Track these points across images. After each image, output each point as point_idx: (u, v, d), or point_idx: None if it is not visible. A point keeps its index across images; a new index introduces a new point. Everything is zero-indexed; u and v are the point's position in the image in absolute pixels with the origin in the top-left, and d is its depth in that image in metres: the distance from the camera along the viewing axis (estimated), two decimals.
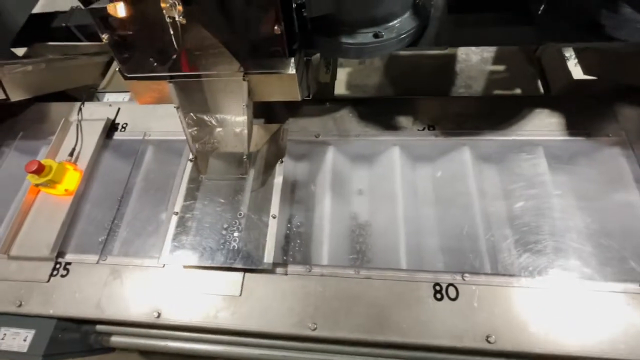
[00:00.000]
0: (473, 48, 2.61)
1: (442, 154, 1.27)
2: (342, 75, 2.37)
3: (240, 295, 1.05)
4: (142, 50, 0.97)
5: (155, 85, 1.07)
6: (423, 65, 2.64)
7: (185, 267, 1.11)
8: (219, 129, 1.12)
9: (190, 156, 1.25)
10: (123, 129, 1.45)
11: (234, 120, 1.09)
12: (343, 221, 1.22)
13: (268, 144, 1.29)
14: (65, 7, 2.03)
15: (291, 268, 1.08)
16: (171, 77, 1.03)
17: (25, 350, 1.14)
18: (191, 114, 1.10)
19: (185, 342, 1.18)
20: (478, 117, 1.28)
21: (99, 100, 1.69)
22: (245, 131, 1.07)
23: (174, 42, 0.88)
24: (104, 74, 2.00)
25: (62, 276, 1.16)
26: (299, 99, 1.05)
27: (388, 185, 1.22)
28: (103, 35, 0.92)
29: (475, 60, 2.55)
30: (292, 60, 0.95)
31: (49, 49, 2.06)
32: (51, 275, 1.16)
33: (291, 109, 1.38)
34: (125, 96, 1.67)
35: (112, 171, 1.37)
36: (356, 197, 1.28)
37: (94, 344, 1.29)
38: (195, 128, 1.11)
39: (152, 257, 1.15)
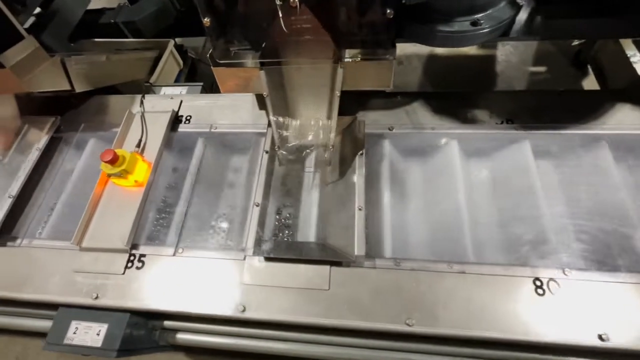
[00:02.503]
0: (512, 49, 2.60)
1: (522, 147, 1.24)
2: None
3: (329, 289, 1.01)
4: (240, 36, 0.95)
5: (243, 73, 1.05)
6: (462, 66, 2.62)
7: (267, 259, 1.08)
8: (305, 119, 1.09)
9: (268, 147, 1.22)
10: (187, 121, 1.43)
11: (322, 110, 1.07)
12: (422, 214, 1.19)
13: (341, 136, 1.27)
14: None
15: (379, 262, 1.04)
16: (262, 64, 1.01)
17: (99, 345, 1.10)
18: (279, 102, 1.08)
19: (267, 340, 1.13)
20: (557, 110, 1.25)
21: (155, 93, 1.67)
22: (333, 121, 1.05)
23: (282, 27, 0.86)
24: (152, 70, 2.00)
25: (138, 268, 1.13)
26: (391, 87, 1.03)
27: (467, 178, 1.19)
28: (205, 20, 0.90)
29: (515, 61, 2.54)
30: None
31: (95, 45, 2.06)
32: (126, 267, 1.13)
33: (361, 102, 1.36)
34: (183, 89, 1.65)
35: (180, 163, 1.35)
36: (433, 190, 1.25)
37: (159, 341, 1.26)
38: (281, 118, 1.09)
39: (231, 249, 1.12)
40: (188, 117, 1.44)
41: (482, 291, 0.97)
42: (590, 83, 2.26)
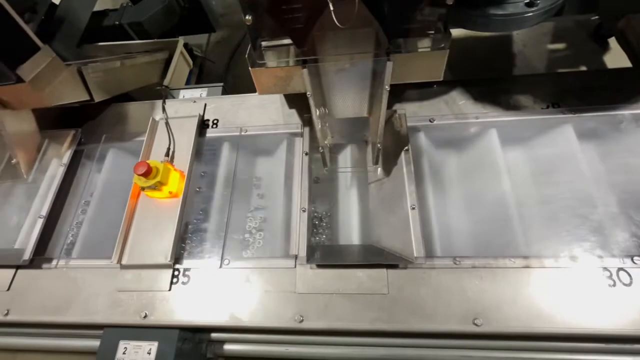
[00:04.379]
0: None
1: (568, 132, 1.19)
2: None
3: (388, 293, 0.98)
4: (282, 33, 0.89)
5: (283, 72, 0.99)
6: (475, 49, 2.54)
7: (319, 266, 1.04)
8: (348, 116, 1.04)
9: (307, 149, 1.17)
10: (215, 126, 1.37)
11: (366, 106, 1.01)
12: (472, 209, 1.15)
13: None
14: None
15: (437, 261, 1.01)
16: (305, 61, 0.95)
17: None
18: (320, 100, 1.02)
19: (319, 346, 1.10)
20: (605, 90, 1.20)
21: (174, 97, 1.60)
22: (382, 118, 0.99)
23: (332, 19, 0.79)
24: (164, 72, 1.92)
25: (184, 283, 1.09)
26: (441, 78, 0.97)
27: (519, 167, 1.14)
28: (247, 17, 0.84)
29: (531, 40, 2.46)
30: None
31: (100, 49, 1.97)
32: (171, 283, 1.09)
33: (395, 93, 1.30)
34: (203, 91, 1.58)
35: (212, 169, 1.29)
36: (481, 182, 1.20)
37: (207, 353, 1.23)
38: (325, 116, 1.03)
39: (278, 257, 1.08)
40: (215, 121, 1.38)
41: (550, 285, 0.94)
42: (613, 59, 2.19)
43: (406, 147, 1.12)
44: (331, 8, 0.78)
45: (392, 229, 1.04)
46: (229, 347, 1.22)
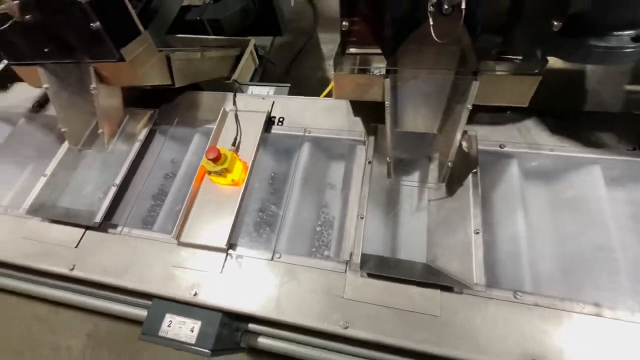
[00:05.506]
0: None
1: None
2: None
3: (440, 315, 0.95)
4: (373, 41, 0.91)
5: (364, 80, 1.01)
6: (548, 78, 2.44)
7: (370, 275, 1.03)
8: (422, 130, 1.03)
9: (371, 157, 1.17)
10: (280, 123, 1.42)
11: (442, 122, 1.00)
12: (541, 244, 1.09)
13: None
14: None
15: (496, 292, 0.96)
16: (389, 71, 0.96)
17: (193, 341, 1.10)
18: (397, 113, 1.03)
19: (352, 357, 1.09)
20: None
21: (242, 92, 1.68)
22: (458, 136, 0.98)
23: (431, 34, 0.80)
24: (233, 67, 2.03)
25: (235, 269, 1.12)
26: (527, 104, 0.95)
27: (590, 208, 1.07)
28: (344, 23, 0.87)
29: (608, 77, 2.33)
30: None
31: (179, 40, 2.12)
32: (223, 266, 1.13)
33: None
34: (270, 89, 1.65)
35: (274, 165, 1.33)
36: (554, 218, 1.14)
37: (241, 342, 1.25)
38: (398, 128, 1.04)
39: (330, 259, 1.08)
40: (281, 119, 1.43)
41: (623, 341, 0.86)
42: None
43: (474, 170, 1.09)
44: (431, 23, 0.79)
45: (451, 251, 1.01)
46: (262, 341, 1.23)
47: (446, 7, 0.76)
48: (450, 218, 1.06)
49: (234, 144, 1.34)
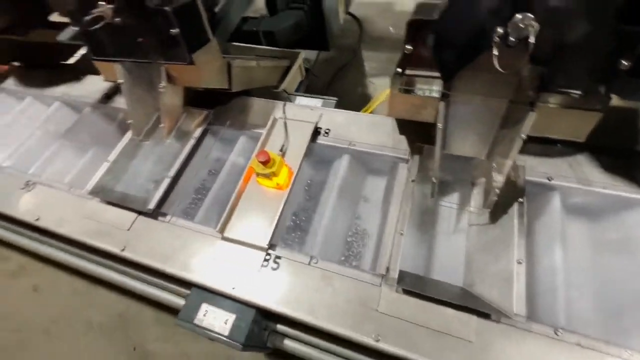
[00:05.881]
0: None
1: None
2: None
3: (474, 342, 0.94)
4: (433, 65, 0.95)
5: (418, 101, 1.05)
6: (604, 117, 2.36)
7: (405, 292, 1.04)
8: (470, 155, 1.05)
9: (414, 176, 1.20)
10: (326, 134, 1.48)
11: (497, 151, 1.01)
12: (588, 283, 1.06)
13: None
14: None
15: (535, 326, 0.94)
16: (445, 95, 0.99)
17: (226, 333, 1.15)
18: (446, 136, 1.05)
19: None
20: None
21: (291, 101, 1.77)
22: (509, 164, 0.98)
23: (494, 63, 0.83)
24: (282, 78, 2.13)
25: (273, 269, 1.17)
26: (584, 139, 0.94)
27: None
28: (407, 46, 0.92)
29: None
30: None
31: (234, 47, 2.27)
32: (262, 265, 1.18)
33: None
34: (317, 102, 1.72)
35: (313, 173, 1.38)
36: (601, 259, 1.11)
37: (267, 342, 1.28)
38: (445, 151, 1.06)
39: (365, 271, 1.10)
40: (327, 130, 1.49)
41: None
42: None
43: (521, 199, 1.08)
44: (495, 53, 0.82)
45: (491, 278, 1.00)
46: (288, 343, 1.26)
47: (512, 39, 0.79)
48: (492, 245, 1.06)
49: (281, 150, 1.41)
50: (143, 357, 1.96)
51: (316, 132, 1.49)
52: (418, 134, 1.35)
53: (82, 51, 2.34)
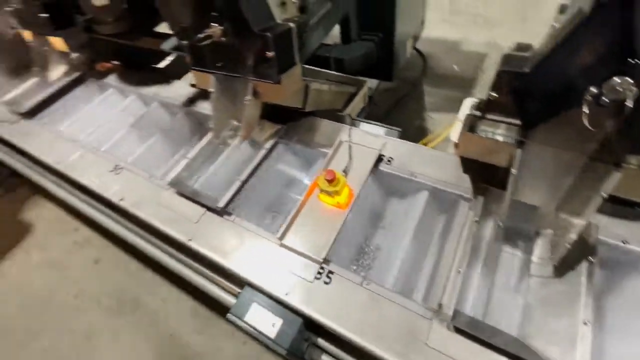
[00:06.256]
0: None
1: None
2: None
3: None
4: (517, 115, 0.98)
5: (492, 144, 1.08)
6: None
7: (457, 330, 1.03)
8: (541, 205, 1.05)
9: (478, 217, 1.21)
10: (389, 163, 1.53)
11: (570, 205, 1.00)
12: None
13: None
14: None
15: None
16: (521, 142, 1.01)
17: (272, 336, 1.21)
18: (519, 183, 1.06)
19: None
20: None
21: (355, 126, 1.86)
22: (584, 220, 0.97)
23: (584, 123, 0.84)
24: (347, 103, 2.25)
25: (326, 283, 1.22)
26: None
27: None
28: (492, 93, 0.96)
29: None
30: None
31: (308, 71, 2.44)
32: (315, 277, 1.24)
33: None
34: (381, 129, 1.79)
35: (374, 199, 1.44)
36: None
37: (306, 354, 1.31)
38: (514, 197, 1.07)
39: (417, 302, 1.11)
40: (390, 159, 1.55)
41: None
42: None
43: (591, 259, 1.05)
44: (586, 111, 0.84)
45: (551, 334, 0.97)
46: (326, 359, 1.29)
47: (606, 100, 0.80)
48: (555, 300, 1.02)
49: (344, 171, 1.49)
50: (178, 346, 2.07)
51: (379, 159, 1.56)
52: (483, 173, 1.35)
53: (171, 57, 2.66)
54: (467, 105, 1.30)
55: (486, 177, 1.32)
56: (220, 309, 1.68)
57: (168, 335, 2.12)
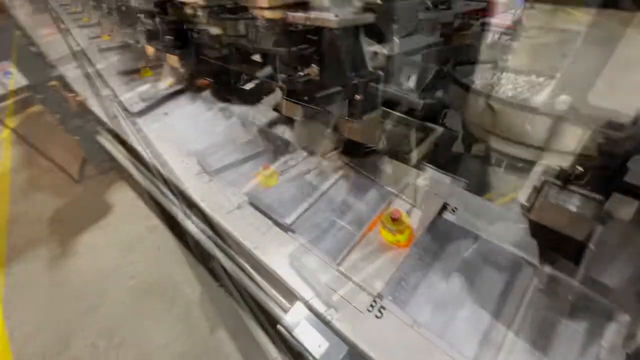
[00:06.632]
0: None
1: None
2: None
3: None
4: (597, 189, 1.00)
5: (573, 217, 1.08)
6: None
7: None
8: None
9: (544, 286, 1.19)
10: (453, 212, 1.57)
11: None
12: None
13: None
14: None
15: None
16: (602, 219, 1.01)
17: (318, 356, 1.26)
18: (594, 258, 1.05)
19: None
20: None
21: (422, 170, 1.94)
22: None
23: None
24: (415, 146, 2.34)
25: (377, 317, 1.26)
26: None
27: None
28: (578, 168, 1.00)
29: None
30: None
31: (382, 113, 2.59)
32: (368, 309, 1.28)
33: None
34: (446, 178, 1.84)
35: (434, 245, 1.47)
36: None
37: None
38: (589, 274, 1.05)
39: (464, 355, 1.11)
40: (454, 208, 1.58)
41: None
42: None
43: None
44: None
45: None
46: None
47: None
48: None
49: (407, 212, 1.55)
50: (215, 345, 2.19)
51: (444, 207, 1.60)
52: (552, 241, 1.33)
53: (255, 81, 3.00)
54: (539, 170, 1.32)
55: (556, 245, 1.30)
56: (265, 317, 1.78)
57: (208, 331, 2.25)
